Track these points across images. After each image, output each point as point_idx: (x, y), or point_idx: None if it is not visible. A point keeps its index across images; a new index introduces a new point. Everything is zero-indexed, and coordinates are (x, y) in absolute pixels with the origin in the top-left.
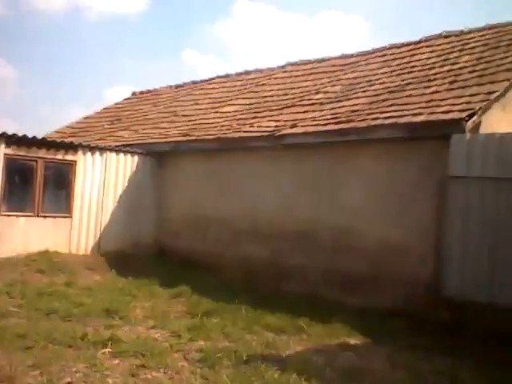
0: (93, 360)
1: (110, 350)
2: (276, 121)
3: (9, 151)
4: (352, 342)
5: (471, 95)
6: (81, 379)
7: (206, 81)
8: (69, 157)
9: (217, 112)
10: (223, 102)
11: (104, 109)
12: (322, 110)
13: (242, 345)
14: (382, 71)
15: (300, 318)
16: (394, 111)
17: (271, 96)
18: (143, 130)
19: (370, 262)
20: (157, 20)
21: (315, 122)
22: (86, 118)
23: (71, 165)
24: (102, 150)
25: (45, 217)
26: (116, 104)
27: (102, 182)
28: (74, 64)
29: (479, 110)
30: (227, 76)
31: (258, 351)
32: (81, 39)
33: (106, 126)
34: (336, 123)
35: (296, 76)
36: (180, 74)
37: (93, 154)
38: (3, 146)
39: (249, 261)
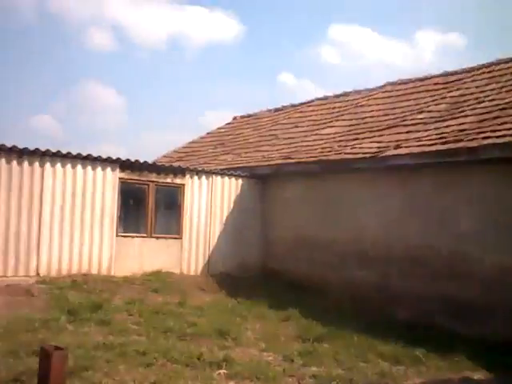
0: (209, 380)
1: (225, 371)
2: (378, 142)
3: (123, 175)
4: (475, 376)
5: None
6: None
7: (305, 103)
8: (177, 180)
9: (317, 134)
10: (323, 124)
11: (207, 133)
12: (427, 130)
13: (357, 373)
14: (489, 88)
15: (416, 348)
16: (507, 129)
17: (371, 117)
18: (245, 153)
19: (487, 289)
20: (251, 45)
21: (420, 143)
22: (191, 142)
23: (180, 188)
24: (208, 173)
25: (157, 238)
26: (218, 129)
27: (208, 204)
28: (173, 92)
29: None
30: (326, 98)
31: (374, 381)
32: (180, 69)
33: (210, 150)
34: (443, 143)
35: (396, 96)
36: (276, 98)
37: (199, 177)
38: (118, 170)
39: (355, 285)
